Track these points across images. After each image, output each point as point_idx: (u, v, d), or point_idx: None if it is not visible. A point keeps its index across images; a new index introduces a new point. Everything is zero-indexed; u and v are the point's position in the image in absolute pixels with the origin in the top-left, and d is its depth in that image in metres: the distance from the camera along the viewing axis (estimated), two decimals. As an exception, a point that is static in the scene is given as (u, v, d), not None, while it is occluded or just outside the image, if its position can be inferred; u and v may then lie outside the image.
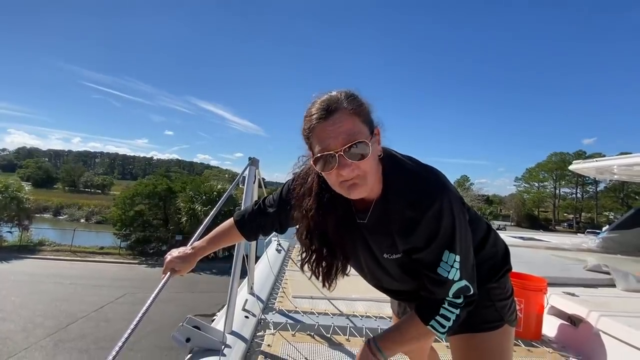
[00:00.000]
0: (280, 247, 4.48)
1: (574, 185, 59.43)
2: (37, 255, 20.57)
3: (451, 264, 0.87)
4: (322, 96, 0.88)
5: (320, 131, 0.84)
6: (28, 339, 9.88)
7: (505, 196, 69.45)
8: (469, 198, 42.60)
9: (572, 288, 2.65)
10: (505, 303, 1.09)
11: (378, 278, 1.10)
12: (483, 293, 1.04)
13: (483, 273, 1.04)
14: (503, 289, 1.10)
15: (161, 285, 1.12)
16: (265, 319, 2.26)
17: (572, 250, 4.55)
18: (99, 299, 13.24)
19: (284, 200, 1.15)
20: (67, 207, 47.62)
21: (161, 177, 30.46)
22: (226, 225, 1.27)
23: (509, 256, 1.14)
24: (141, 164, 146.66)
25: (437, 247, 0.88)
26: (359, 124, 0.85)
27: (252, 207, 1.26)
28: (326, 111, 0.83)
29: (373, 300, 2.77)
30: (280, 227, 1.22)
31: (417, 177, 0.91)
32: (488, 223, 1.14)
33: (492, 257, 1.09)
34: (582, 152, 54.25)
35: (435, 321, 0.90)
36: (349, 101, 0.85)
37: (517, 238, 5.80)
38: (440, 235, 0.86)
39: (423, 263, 0.91)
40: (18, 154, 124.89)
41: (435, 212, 0.85)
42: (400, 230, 0.91)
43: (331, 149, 0.82)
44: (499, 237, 1.14)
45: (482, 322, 1.05)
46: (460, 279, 0.89)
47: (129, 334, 0.88)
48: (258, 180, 2.51)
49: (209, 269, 18.58)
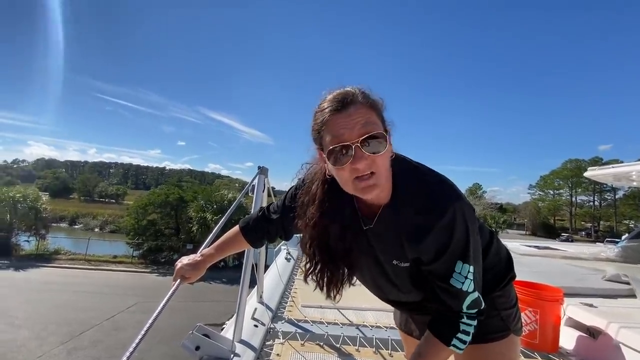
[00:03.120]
0: (289, 256, 4.47)
1: (591, 193, 57.85)
2: (52, 263, 20.99)
3: (465, 274, 0.84)
4: (335, 90, 0.85)
5: (334, 123, 0.80)
6: (42, 347, 10.01)
7: (519, 204, 68.08)
8: (481, 206, 41.85)
9: (590, 299, 2.56)
10: (510, 312, 1.06)
11: (382, 287, 1.07)
12: (488, 302, 1.01)
13: (487, 281, 1.01)
14: (507, 298, 1.07)
15: (171, 292, 1.14)
16: (275, 328, 2.26)
17: (590, 260, 4.42)
18: (111, 308, 13.38)
19: (287, 207, 1.13)
20: (82, 216, 48.83)
21: (173, 186, 30.91)
22: (232, 233, 1.28)
23: (512, 263, 1.12)
24: (154, 174, 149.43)
25: (450, 257, 0.85)
26: (375, 117, 0.82)
27: (256, 213, 1.26)
28: (341, 103, 0.80)
29: (383, 310, 2.73)
30: (284, 234, 1.21)
31: (429, 183, 0.88)
32: (491, 230, 1.11)
33: (495, 264, 1.06)
34: (598, 159, 52.91)
35: (457, 339, 0.86)
36: (364, 95, 0.83)
37: (532, 247, 5.66)
38: (452, 246, 0.83)
39: (435, 274, 0.88)
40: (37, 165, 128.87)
41: (447, 221, 0.82)
42: (409, 237, 0.88)
43: (346, 140, 0.78)
44: (501, 244, 1.12)
45: (487, 332, 1.01)
46: (474, 291, 0.86)
47: (140, 339, 0.90)
48: (267, 189, 2.54)
49: (218, 278, 18.62)
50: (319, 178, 0.96)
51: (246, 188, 2.48)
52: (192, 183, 55.67)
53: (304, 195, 1.00)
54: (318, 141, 0.87)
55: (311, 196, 0.98)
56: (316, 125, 0.85)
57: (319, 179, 0.97)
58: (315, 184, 0.98)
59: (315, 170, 1.00)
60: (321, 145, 0.86)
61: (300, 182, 1.07)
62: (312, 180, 1.00)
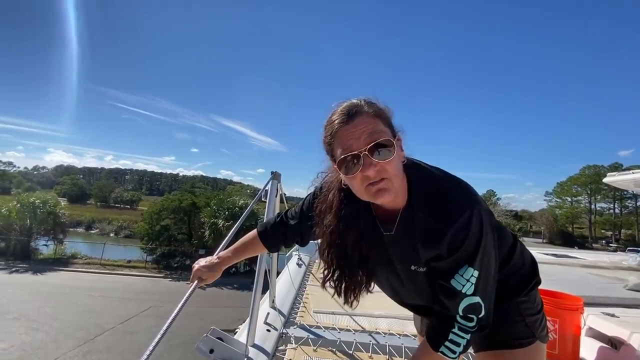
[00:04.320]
0: (301, 262, 4.47)
1: (611, 200, 55.93)
2: (69, 267, 21.50)
3: (467, 277, 0.85)
4: (342, 103, 0.89)
5: (342, 135, 0.84)
6: (58, 349, 10.21)
7: (535, 212, 66.29)
8: (496, 214, 40.89)
9: (611, 308, 2.47)
10: (535, 318, 1.04)
11: (398, 291, 1.07)
12: (512, 307, 1.00)
13: (511, 286, 1.00)
14: (533, 303, 1.05)
15: (189, 293, 1.16)
16: (287, 333, 2.26)
17: (611, 269, 4.27)
18: (126, 312, 13.58)
19: (305, 213, 1.16)
20: (99, 221, 49.89)
21: (186, 192, 31.40)
22: (250, 237, 1.30)
23: (537, 268, 1.10)
24: (168, 180, 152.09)
25: (457, 259, 0.85)
26: (381, 125, 0.85)
27: (274, 219, 1.28)
28: (347, 115, 0.84)
29: (396, 318, 2.70)
30: (301, 240, 1.23)
31: (443, 188, 0.89)
32: (514, 233, 1.10)
33: (519, 268, 1.05)
34: (618, 165, 51.15)
35: (445, 347, 0.88)
36: (369, 105, 0.86)
37: (549, 255, 5.51)
38: (463, 248, 0.84)
39: (439, 272, 0.89)
40: (56, 171, 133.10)
41: (462, 224, 0.82)
42: (424, 240, 0.89)
43: (354, 150, 0.81)
44: (525, 248, 1.10)
45: (512, 338, 1.01)
46: (474, 295, 0.85)
47: (157, 342, 0.91)
48: (280, 195, 2.55)
49: (230, 283, 18.71)
50: (335, 186, 0.99)
51: (259, 193, 2.49)
52: (204, 189, 56.40)
53: (321, 204, 1.03)
54: (330, 153, 0.91)
55: (328, 204, 1.00)
56: (326, 138, 0.89)
57: (335, 187, 0.99)
58: (332, 193, 1.00)
59: (332, 179, 1.03)
60: (333, 157, 0.89)
61: (318, 189, 1.09)
62: (328, 189, 1.02)
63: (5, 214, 22.99)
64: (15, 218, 23.04)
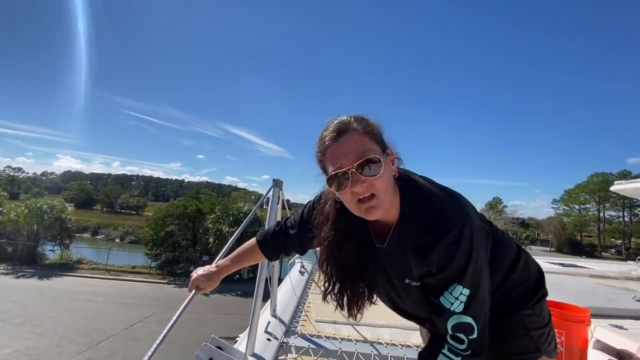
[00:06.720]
0: (303, 270, 4.44)
1: (620, 208, 55.05)
2: (75, 272, 21.61)
3: (456, 296, 0.83)
4: (333, 120, 0.91)
5: (331, 152, 0.87)
6: (61, 355, 10.22)
7: (543, 219, 65.44)
8: (502, 221, 40.44)
9: (619, 320, 2.42)
10: (541, 332, 1.01)
11: (397, 303, 1.06)
12: (516, 321, 0.98)
13: (515, 299, 0.98)
14: (539, 317, 1.03)
15: (186, 302, 1.16)
16: (288, 343, 2.23)
17: (620, 279, 4.18)
18: (129, 318, 13.59)
19: (304, 222, 1.16)
20: (104, 227, 50.38)
21: (191, 198, 31.54)
22: (249, 245, 1.30)
23: (544, 280, 1.07)
24: (173, 186, 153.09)
25: (446, 276, 0.84)
26: (369, 142, 0.86)
27: (273, 227, 1.28)
28: (337, 133, 0.87)
29: (399, 328, 2.66)
30: (300, 248, 1.23)
31: (434, 202, 0.88)
32: (519, 244, 1.08)
33: (524, 281, 1.03)
34: (627, 172, 50.50)
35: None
36: (358, 122, 0.88)
37: (556, 264, 5.41)
38: (452, 265, 0.83)
39: (428, 287, 0.89)
40: (64, 177, 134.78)
41: (451, 240, 0.82)
42: (414, 255, 0.88)
43: (343, 167, 0.83)
44: (531, 259, 1.08)
45: (515, 352, 0.99)
46: (464, 314, 0.83)
47: (154, 350, 0.91)
48: (282, 202, 2.55)
49: (233, 290, 18.65)
50: (332, 198, 0.99)
51: (261, 200, 2.50)
52: (209, 195, 56.65)
53: (319, 215, 1.03)
54: (322, 169, 0.93)
55: (325, 216, 1.01)
56: (318, 155, 0.92)
57: (332, 199, 0.99)
58: (328, 204, 1.01)
59: (329, 190, 1.03)
60: (325, 172, 0.91)
61: (317, 200, 1.10)
62: (325, 200, 1.03)
63: (13, 219, 23.28)
64: (23, 223, 23.29)
